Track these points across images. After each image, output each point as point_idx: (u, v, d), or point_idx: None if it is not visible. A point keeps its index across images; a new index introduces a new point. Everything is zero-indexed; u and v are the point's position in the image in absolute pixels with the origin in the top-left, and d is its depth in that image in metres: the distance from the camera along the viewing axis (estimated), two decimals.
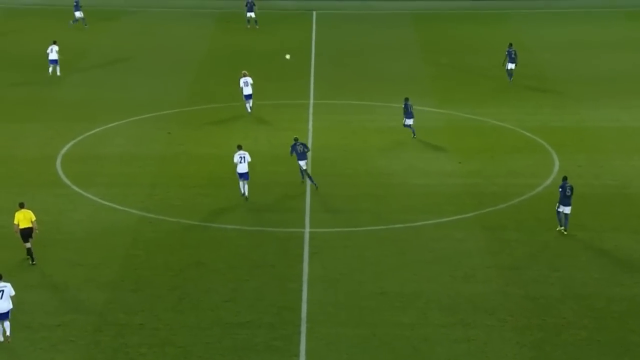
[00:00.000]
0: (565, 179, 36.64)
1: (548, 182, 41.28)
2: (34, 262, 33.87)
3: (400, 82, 55.85)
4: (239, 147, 39.99)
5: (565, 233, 36.05)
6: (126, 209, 38.86)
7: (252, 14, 69.93)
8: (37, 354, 28.48)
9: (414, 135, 46.61)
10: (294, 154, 40.74)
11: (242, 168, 39.43)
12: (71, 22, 69.57)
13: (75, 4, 69.58)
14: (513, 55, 55.66)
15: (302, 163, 40.69)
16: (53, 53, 56.95)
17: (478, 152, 45.26)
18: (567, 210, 36.11)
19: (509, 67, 55.70)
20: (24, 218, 33.96)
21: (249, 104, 50.79)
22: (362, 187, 41.30)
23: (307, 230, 36.94)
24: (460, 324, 29.84)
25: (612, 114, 50.62)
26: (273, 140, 46.75)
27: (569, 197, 36.08)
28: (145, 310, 30.88)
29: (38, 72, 58.11)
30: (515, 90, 54.79)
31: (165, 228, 37.20)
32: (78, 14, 69.45)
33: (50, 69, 56.93)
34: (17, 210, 34.20)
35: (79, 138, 47.22)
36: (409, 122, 46.59)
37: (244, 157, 39.55)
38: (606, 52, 63.02)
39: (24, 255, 34.08)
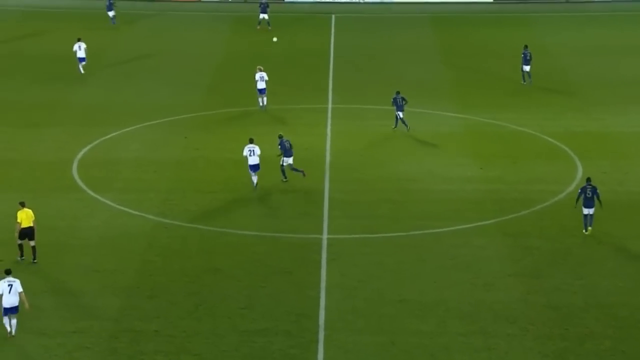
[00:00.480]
0: (588, 180, 36.59)
1: (571, 188, 41.02)
2: (35, 261, 34.19)
3: (419, 86, 55.75)
4: (250, 141, 41.21)
5: (587, 233, 35.89)
6: (142, 214, 38.89)
7: (266, 16, 70.09)
8: None
9: (396, 126, 47.70)
10: (282, 150, 41.48)
11: (253, 160, 40.58)
12: (112, 22, 70.47)
13: (108, 3, 70.33)
14: (528, 57, 55.65)
15: (289, 160, 41.44)
16: (81, 51, 57.75)
17: (499, 158, 45.08)
18: (590, 211, 36.11)
19: (524, 70, 55.74)
20: (26, 217, 34.12)
21: (261, 99, 51.78)
22: (381, 192, 41.20)
23: (325, 236, 36.87)
24: (480, 332, 29.66)
25: (637, 120, 50.34)
26: (292, 143, 46.73)
27: (590, 199, 36.06)
28: (160, 317, 30.88)
29: (54, 75, 58.38)
30: (537, 95, 54.58)
31: (181, 234, 37.20)
32: (111, 13, 70.28)
33: (81, 67, 57.95)
34: (18, 210, 34.33)
35: (95, 142, 47.34)
36: (400, 114, 47.27)
37: (254, 150, 40.64)
38: (630, 57, 62.63)
39: (29, 259, 34.28)
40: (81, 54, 57.88)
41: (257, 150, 40.70)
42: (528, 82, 55.91)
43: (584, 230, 36.27)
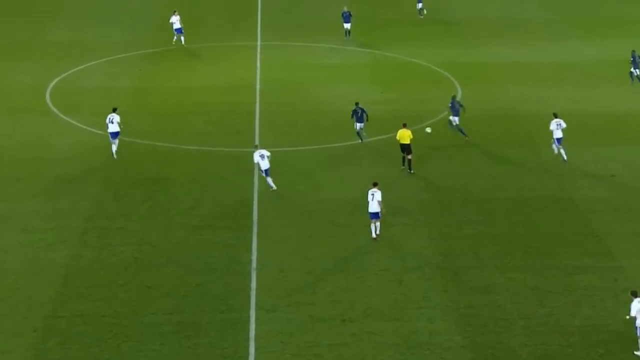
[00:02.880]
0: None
1: None
2: None
3: (332, 27, 55.16)
4: (114, 110, 35.98)
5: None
6: (105, 133, 38.18)
7: None
8: (33, 251, 28.37)
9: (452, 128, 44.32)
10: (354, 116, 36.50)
11: (112, 128, 35.30)
12: None
13: None
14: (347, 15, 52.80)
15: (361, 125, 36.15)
16: (177, 23, 51.10)
17: (396, 84, 45.32)
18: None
19: (345, 27, 52.32)
20: None
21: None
22: (301, 113, 41.21)
23: None
24: (382, 223, 30.07)
25: (502, 51, 50.85)
26: (227, 74, 46.36)
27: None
28: (123, 216, 30.79)
29: (25, 20, 56.35)
30: (425, 33, 54.52)
31: (138, 149, 36.84)
32: None
33: (175, 38, 51.23)
34: None
35: (64, 74, 46.22)
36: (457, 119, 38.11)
37: (113, 119, 35.38)
38: (498, 1, 62.38)
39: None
40: (177, 25, 50.84)
41: (117, 118, 35.34)
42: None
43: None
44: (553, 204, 31.76)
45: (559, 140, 34.94)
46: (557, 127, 34.98)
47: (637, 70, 44.17)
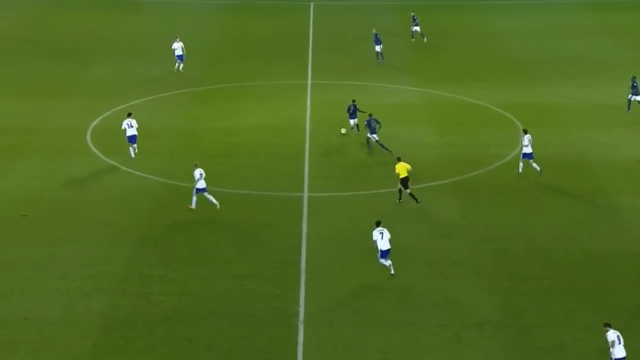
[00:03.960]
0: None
1: (515, 152, 41.17)
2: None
3: (387, 64, 55.45)
4: (129, 115, 40.82)
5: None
6: (148, 175, 38.78)
7: None
8: (70, 300, 28.55)
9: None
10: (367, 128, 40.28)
11: (130, 132, 40.10)
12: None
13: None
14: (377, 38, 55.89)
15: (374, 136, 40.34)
16: (179, 50, 53.67)
17: (455, 126, 45.12)
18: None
19: (376, 49, 55.80)
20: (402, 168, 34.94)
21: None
22: (353, 156, 41.23)
23: (306, 194, 36.91)
24: (439, 275, 29.88)
25: (571, 92, 50.44)
26: (275, 114, 46.68)
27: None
28: (164, 263, 30.93)
29: (68, 57, 57.71)
30: (486, 72, 54.42)
31: (181, 192, 37.09)
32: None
33: (177, 65, 53.82)
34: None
35: (106, 114, 47.01)
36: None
37: (131, 123, 40.19)
38: (566, 39, 62.52)
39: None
40: (179, 52, 53.43)
41: (135, 124, 40.08)
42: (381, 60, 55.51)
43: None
44: (627, 258, 31.09)
45: (529, 155, 37.72)
46: (528, 143, 37.73)
47: (637, 97, 45.69)
